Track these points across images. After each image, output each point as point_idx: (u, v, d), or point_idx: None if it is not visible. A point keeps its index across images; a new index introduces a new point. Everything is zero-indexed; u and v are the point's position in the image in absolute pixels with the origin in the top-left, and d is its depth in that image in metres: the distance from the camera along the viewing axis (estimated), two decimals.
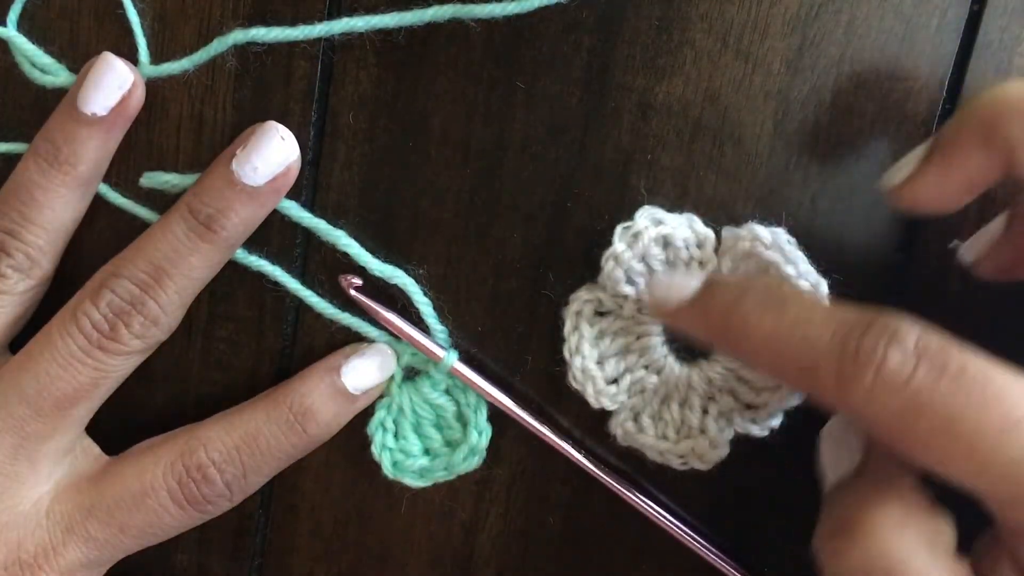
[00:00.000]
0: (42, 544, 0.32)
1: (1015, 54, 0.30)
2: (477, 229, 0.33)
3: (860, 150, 0.31)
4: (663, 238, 0.32)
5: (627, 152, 0.32)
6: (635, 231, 0.32)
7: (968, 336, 0.34)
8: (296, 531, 0.37)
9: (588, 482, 0.34)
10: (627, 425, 0.33)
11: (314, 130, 0.33)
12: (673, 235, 0.31)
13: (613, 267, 0.32)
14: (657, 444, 0.33)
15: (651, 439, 0.33)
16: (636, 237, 0.32)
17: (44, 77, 0.34)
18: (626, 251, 0.31)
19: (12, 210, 0.33)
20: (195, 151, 0.34)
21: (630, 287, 0.32)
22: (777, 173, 0.32)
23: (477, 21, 0.32)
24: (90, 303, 0.32)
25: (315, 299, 0.34)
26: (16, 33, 0.34)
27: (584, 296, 0.33)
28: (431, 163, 0.33)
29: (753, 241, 0.31)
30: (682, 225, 0.32)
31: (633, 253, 0.31)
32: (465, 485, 0.36)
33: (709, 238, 0.32)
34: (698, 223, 0.32)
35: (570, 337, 0.33)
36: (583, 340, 0.33)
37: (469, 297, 0.34)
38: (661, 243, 0.32)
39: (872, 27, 0.30)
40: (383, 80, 0.33)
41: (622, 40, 0.31)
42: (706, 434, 0.33)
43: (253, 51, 0.33)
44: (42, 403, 0.32)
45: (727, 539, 0.34)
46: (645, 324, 0.32)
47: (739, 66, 0.31)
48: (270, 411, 0.33)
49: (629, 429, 0.33)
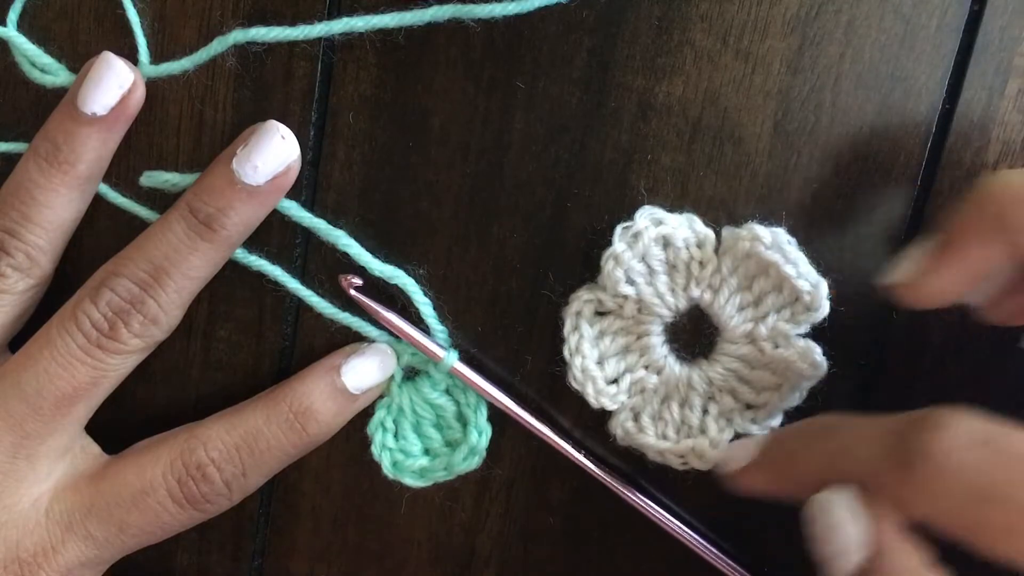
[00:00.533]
0: (41, 543, 0.32)
1: (1015, 54, 0.30)
2: (477, 229, 0.33)
3: (860, 150, 0.31)
4: (663, 238, 0.32)
5: (627, 152, 0.32)
6: (635, 231, 0.32)
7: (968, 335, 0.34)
8: (296, 531, 0.37)
9: (588, 482, 0.34)
10: (627, 425, 0.33)
11: (314, 130, 0.33)
12: (673, 235, 0.31)
13: (613, 267, 0.32)
14: (657, 444, 0.33)
15: (651, 439, 0.33)
16: (636, 237, 0.32)
17: (44, 77, 0.34)
18: (626, 251, 0.31)
19: (12, 209, 0.33)
20: (195, 151, 0.34)
21: (630, 287, 0.32)
22: (777, 173, 0.32)
23: (477, 21, 0.32)
24: (90, 302, 0.32)
25: (315, 299, 0.34)
26: (16, 33, 0.34)
27: (584, 296, 0.33)
28: (431, 163, 0.33)
29: (753, 241, 0.31)
30: (682, 225, 0.32)
31: (633, 253, 0.31)
32: (465, 485, 0.36)
33: (709, 238, 0.32)
34: (698, 223, 0.32)
35: (570, 337, 0.33)
36: (583, 340, 0.33)
37: (469, 297, 0.34)
38: (661, 243, 0.32)
39: (872, 27, 0.30)
40: (383, 80, 0.33)
41: (622, 40, 0.31)
42: (706, 434, 0.33)
43: (253, 51, 0.33)
44: (41, 402, 0.32)
45: (727, 539, 0.34)
46: (645, 324, 0.32)
47: (739, 66, 0.31)
48: (270, 411, 0.33)
49: (629, 429, 0.33)
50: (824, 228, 0.32)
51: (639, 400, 0.33)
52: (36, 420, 0.32)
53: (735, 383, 0.33)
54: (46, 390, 0.32)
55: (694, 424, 0.33)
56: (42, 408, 0.32)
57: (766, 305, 0.32)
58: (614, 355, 0.33)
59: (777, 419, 0.32)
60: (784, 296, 0.32)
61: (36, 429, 0.32)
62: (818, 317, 0.31)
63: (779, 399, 0.32)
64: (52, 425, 0.32)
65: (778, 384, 0.32)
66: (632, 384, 0.33)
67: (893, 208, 0.32)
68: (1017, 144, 0.31)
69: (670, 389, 0.33)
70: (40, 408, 0.32)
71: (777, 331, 0.32)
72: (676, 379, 0.33)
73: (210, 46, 0.33)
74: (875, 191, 0.32)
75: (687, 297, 0.32)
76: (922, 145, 0.31)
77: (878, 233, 0.32)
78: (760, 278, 0.32)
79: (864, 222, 0.32)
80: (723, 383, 0.33)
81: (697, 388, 0.33)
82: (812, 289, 0.31)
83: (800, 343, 0.32)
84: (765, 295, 0.32)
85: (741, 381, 0.33)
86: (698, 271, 0.32)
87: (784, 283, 0.31)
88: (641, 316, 0.32)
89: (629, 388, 0.33)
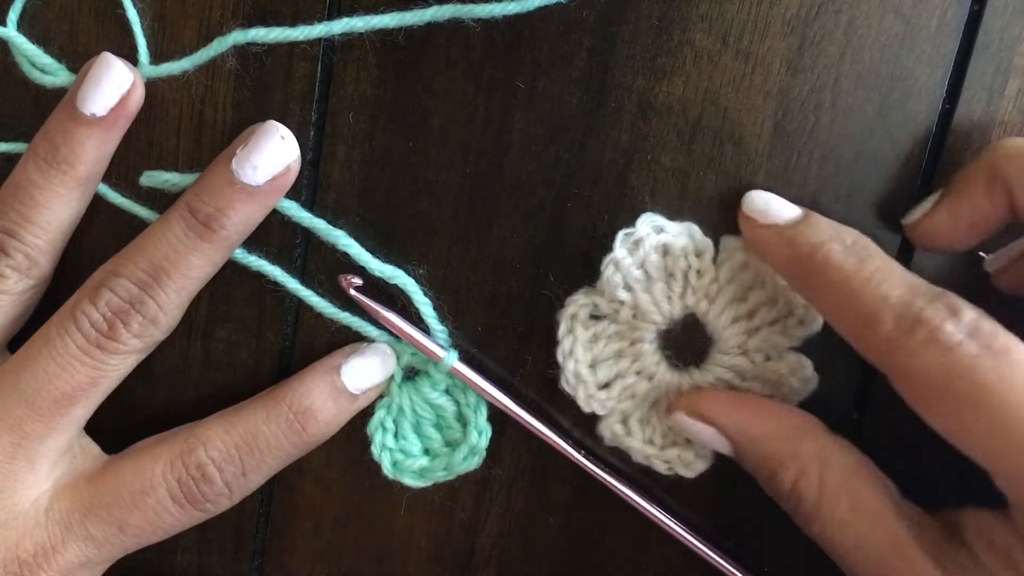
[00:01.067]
0: (41, 543, 0.32)
1: (1015, 54, 0.30)
2: (477, 229, 0.33)
3: (860, 150, 0.31)
4: (663, 246, 0.32)
5: (627, 152, 0.32)
6: (636, 238, 0.32)
7: None
8: (296, 531, 0.37)
9: (588, 482, 0.34)
10: (615, 428, 0.33)
11: (314, 130, 0.33)
12: (673, 243, 0.31)
13: (613, 272, 0.32)
14: (644, 449, 0.33)
15: (637, 443, 0.33)
16: (637, 244, 0.32)
17: (44, 77, 0.34)
18: (626, 257, 0.31)
19: (11, 210, 0.33)
20: (195, 151, 0.34)
21: (627, 293, 0.32)
22: (777, 173, 0.32)
23: (477, 21, 0.32)
24: (88, 302, 0.32)
25: (315, 299, 0.34)
26: (16, 33, 0.34)
27: (580, 300, 0.33)
28: (431, 163, 0.33)
29: (750, 252, 0.31)
30: (682, 234, 0.32)
31: (633, 260, 0.31)
32: (465, 485, 0.36)
33: (708, 248, 0.32)
34: (698, 233, 0.32)
35: (564, 340, 0.33)
36: (577, 344, 0.33)
37: (469, 297, 0.34)
38: (661, 251, 0.32)
39: (872, 27, 0.30)
40: (383, 80, 0.33)
41: (622, 40, 0.31)
42: (692, 443, 0.33)
43: (253, 51, 0.33)
44: (40, 402, 0.32)
45: (727, 539, 0.34)
46: (639, 330, 0.32)
47: (739, 66, 0.31)
48: (270, 410, 0.33)
49: (617, 432, 0.33)
50: None
51: (629, 405, 0.33)
52: (35, 420, 0.32)
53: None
54: (45, 390, 0.32)
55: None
56: (41, 408, 0.32)
57: (760, 317, 0.32)
58: (607, 359, 0.33)
59: None
60: (778, 309, 0.32)
61: (35, 429, 0.32)
62: (810, 332, 0.32)
63: None
64: (51, 425, 0.32)
65: (768, 396, 0.32)
66: (623, 389, 0.33)
67: (893, 208, 0.32)
68: None
69: (660, 395, 0.33)
70: (39, 408, 0.32)
71: (769, 344, 0.32)
72: (667, 386, 0.33)
73: (210, 47, 0.33)
74: (875, 191, 0.32)
75: (683, 305, 0.32)
76: (922, 145, 0.31)
77: (878, 233, 0.32)
78: (756, 290, 0.32)
79: (864, 223, 0.32)
80: None
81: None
82: (806, 304, 0.31)
83: (791, 357, 0.32)
84: (759, 307, 0.32)
85: (731, 391, 0.33)
86: (695, 280, 0.32)
87: (779, 296, 0.32)
88: (636, 322, 0.32)
89: (620, 393, 0.33)
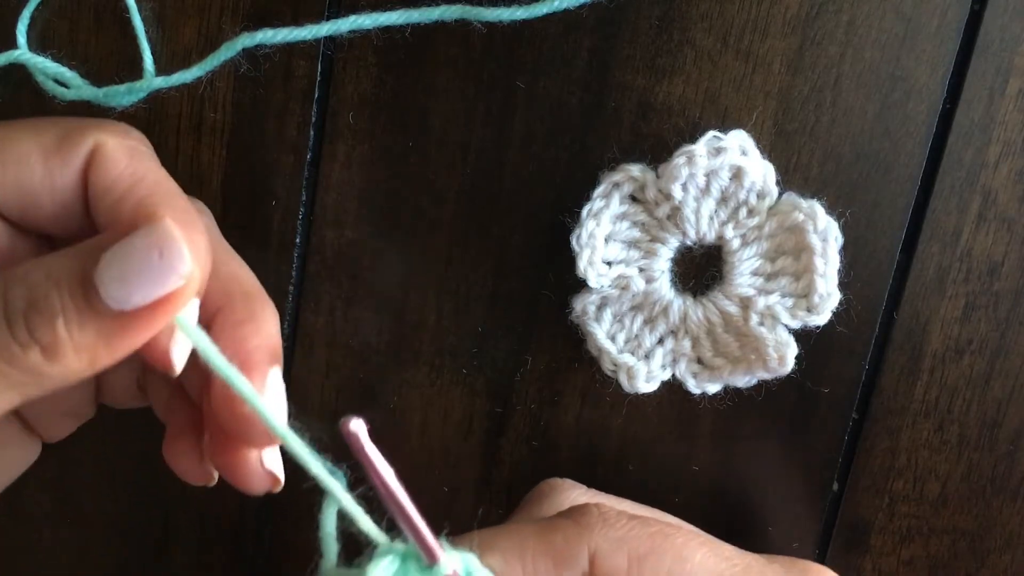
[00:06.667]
0: None
1: (1015, 54, 0.30)
2: (477, 229, 0.33)
3: (860, 150, 0.31)
4: (738, 168, 0.31)
5: (627, 152, 0.32)
6: (719, 146, 0.31)
7: (968, 334, 0.34)
8: (296, 531, 0.37)
9: (588, 482, 0.34)
10: (589, 307, 0.33)
11: (314, 130, 0.33)
12: (747, 171, 0.31)
13: (683, 164, 0.30)
14: (602, 342, 0.32)
15: (600, 333, 0.33)
16: (717, 152, 0.31)
17: (66, 93, 0.32)
18: (703, 157, 0.30)
19: None
20: (195, 151, 0.34)
21: (681, 191, 0.31)
22: (777, 173, 0.32)
23: (483, 24, 0.31)
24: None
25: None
26: (31, 54, 0.32)
27: (633, 172, 0.32)
28: (431, 163, 0.33)
29: (806, 218, 0.31)
30: (758, 168, 0.31)
31: (708, 164, 0.31)
32: (465, 485, 0.36)
33: (771, 195, 0.31)
34: (771, 175, 0.31)
35: (596, 200, 0.32)
36: (605, 210, 0.32)
37: (469, 297, 0.34)
38: (732, 172, 0.31)
39: (872, 27, 0.30)
40: (383, 80, 0.33)
41: (622, 40, 0.31)
42: (648, 362, 0.32)
43: (253, 51, 0.33)
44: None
45: (727, 538, 0.34)
46: (666, 232, 0.32)
47: (739, 66, 0.31)
48: None
49: (588, 312, 0.33)
50: None
51: (614, 293, 0.33)
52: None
53: (702, 334, 0.32)
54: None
55: (644, 346, 0.33)
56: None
57: (777, 284, 0.32)
58: (622, 241, 0.32)
59: (716, 386, 0.32)
60: (798, 287, 0.32)
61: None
62: (815, 321, 0.31)
63: (729, 372, 0.32)
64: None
65: (737, 358, 0.32)
66: (619, 277, 0.32)
67: (893, 208, 0.32)
68: (1018, 144, 0.31)
69: (646, 303, 0.33)
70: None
71: (771, 312, 0.32)
72: (657, 298, 0.32)
73: (218, 52, 0.32)
74: (875, 191, 0.32)
75: (718, 234, 0.32)
76: (922, 145, 0.31)
77: (879, 233, 0.32)
78: (788, 257, 0.31)
79: (864, 223, 0.32)
80: (693, 327, 0.32)
81: (669, 317, 0.32)
82: (824, 294, 0.31)
83: (783, 334, 0.32)
84: (782, 275, 0.32)
85: (708, 335, 0.32)
86: (743, 216, 0.32)
87: (804, 275, 0.31)
88: (668, 223, 0.32)
89: (615, 279, 0.32)
